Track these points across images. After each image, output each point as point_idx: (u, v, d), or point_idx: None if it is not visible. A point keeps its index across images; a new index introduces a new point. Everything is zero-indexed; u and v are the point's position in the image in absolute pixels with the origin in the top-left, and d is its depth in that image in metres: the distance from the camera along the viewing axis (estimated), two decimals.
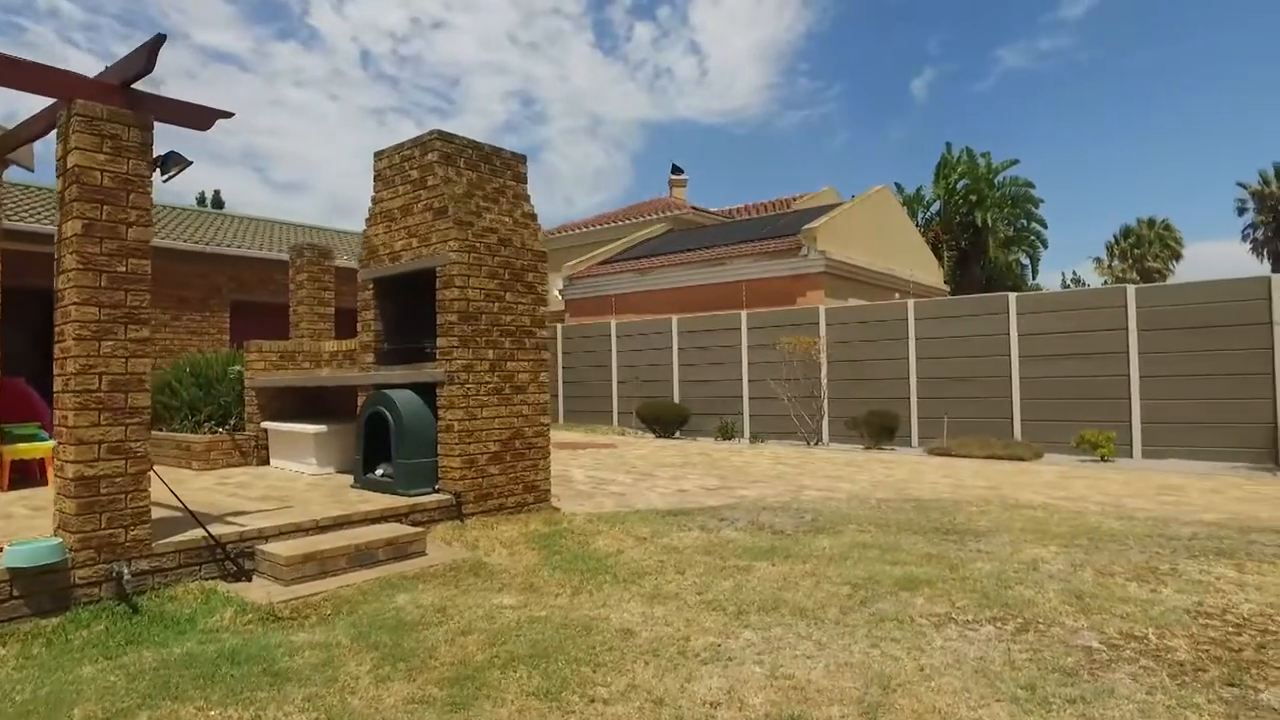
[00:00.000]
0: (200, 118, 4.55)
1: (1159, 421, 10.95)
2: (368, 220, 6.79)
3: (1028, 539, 5.63)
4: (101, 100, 4.12)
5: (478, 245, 6.12)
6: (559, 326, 18.41)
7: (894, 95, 75.22)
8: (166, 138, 4.52)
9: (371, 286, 6.77)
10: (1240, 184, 40.18)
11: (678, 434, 15.00)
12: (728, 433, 14.30)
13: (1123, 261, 43.02)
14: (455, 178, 6.19)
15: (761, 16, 78.96)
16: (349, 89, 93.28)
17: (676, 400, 15.56)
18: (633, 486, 8.49)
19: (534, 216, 6.66)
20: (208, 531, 4.42)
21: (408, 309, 6.68)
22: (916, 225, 27.77)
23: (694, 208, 25.31)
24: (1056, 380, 11.75)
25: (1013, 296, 12.44)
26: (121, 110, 4.18)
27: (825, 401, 13.64)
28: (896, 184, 31.08)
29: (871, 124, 76.58)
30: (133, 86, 4.23)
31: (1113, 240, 44.00)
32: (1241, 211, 40.55)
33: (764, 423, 14.40)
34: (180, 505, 4.80)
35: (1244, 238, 40.43)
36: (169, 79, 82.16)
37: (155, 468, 4.34)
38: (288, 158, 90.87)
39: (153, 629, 3.82)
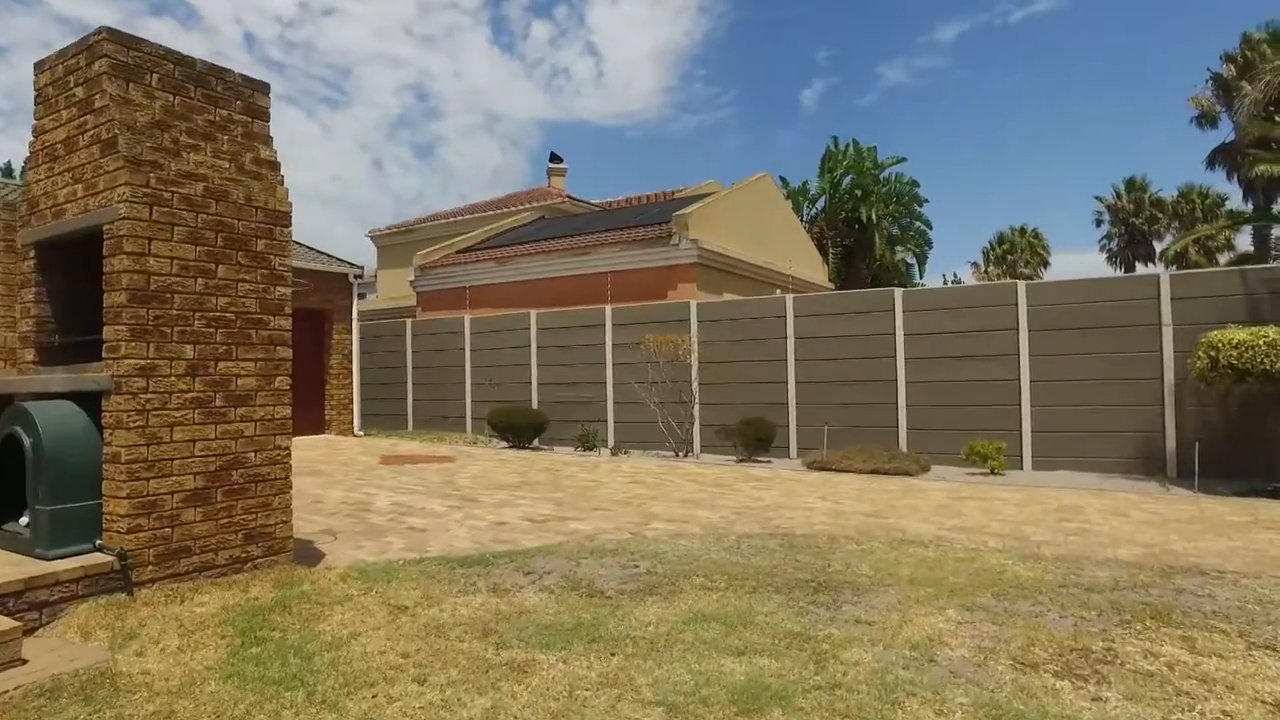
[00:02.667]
0: None
1: (1049, 430, 10.04)
2: (27, 160, 4.80)
3: (919, 597, 4.28)
4: None
5: (168, 196, 4.27)
6: (409, 322, 16.37)
7: (785, 104, 76.09)
8: None
9: (33, 254, 4.79)
10: (1097, 197, 41.61)
11: (536, 443, 13.28)
12: (589, 443, 12.67)
13: (997, 266, 44.00)
14: (142, 100, 4.32)
15: (659, 20, 78.27)
16: None
17: (535, 405, 13.82)
18: (442, 518, 6.77)
19: (275, 165, 4.85)
20: None
21: (87, 287, 4.73)
22: (802, 221, 26.90)
23: (570, 197, 23.61)
24: (944, 385, 10.69)
25: (899, 293, 11.33)
26: None
27: (696, 407, 12.22)
28: (782, 178, 30.15)
29: (763, 130, 76.98)
30: None
31: (988, 246, 44.99)
32: (1098, 223, 42.02)
33: (630, 430, 12.87)
34: None
35: (1100, 248, 41.92)
36: (16, 48, 73.69)
37: None
38: None
39: None
